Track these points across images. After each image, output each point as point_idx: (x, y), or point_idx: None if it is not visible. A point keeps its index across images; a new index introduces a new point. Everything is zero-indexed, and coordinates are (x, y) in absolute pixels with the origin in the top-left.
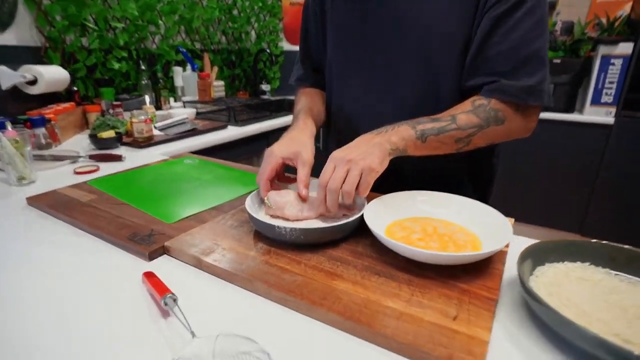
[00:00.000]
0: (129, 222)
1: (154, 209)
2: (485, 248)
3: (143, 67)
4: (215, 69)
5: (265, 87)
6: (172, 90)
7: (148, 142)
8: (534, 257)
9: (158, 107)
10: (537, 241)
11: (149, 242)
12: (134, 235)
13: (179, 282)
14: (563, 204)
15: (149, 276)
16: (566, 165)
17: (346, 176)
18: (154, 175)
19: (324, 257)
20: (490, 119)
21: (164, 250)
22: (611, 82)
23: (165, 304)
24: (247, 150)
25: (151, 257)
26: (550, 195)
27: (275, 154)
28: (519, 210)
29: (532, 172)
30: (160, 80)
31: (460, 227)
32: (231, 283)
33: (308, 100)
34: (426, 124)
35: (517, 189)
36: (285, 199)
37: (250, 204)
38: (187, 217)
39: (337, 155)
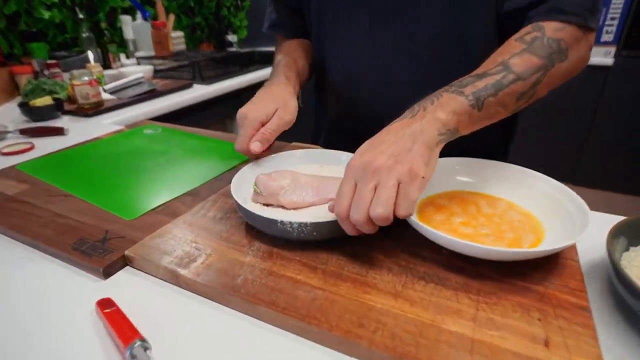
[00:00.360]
0: (74, 222)
1: (108, 201)
2: (550, 230)
3: (81, 16)
4: (172, 17)
5: (231, 37)
6: (123, 45)
7: (97, 108)
8: (626, 238)
9: (107, 66)
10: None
11: (102, 252)
12: (82, 242)
13: (150, 309)
14: (555, 152)
15: (106, 306)
16: (559, 111)
17: (374, 195)
18: (106, 152)
19: (344, 258)
20: (553, 54)
21: (125, 261)
22: (613, 19)
23: (133, 357)
24: (218, 113)
25: (107, 273)
26: (541, 143)
27: (250, 118)
28: (508, 158)
29: (522, 119)
30: (106, 33)
31: (509, 203)
32: (223, 305)
33: (290, 52)
34: (475, 83)
35: None
36: (278, 182)
37: (237, 189)
38: (153, 210)
39: (355, 163)
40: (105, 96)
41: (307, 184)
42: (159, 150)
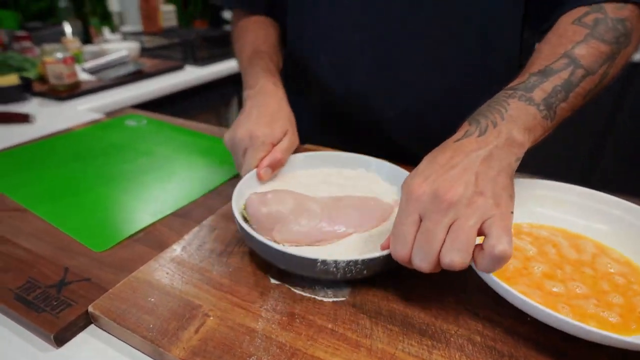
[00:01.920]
0: (24, 252)
1: (74, 221)
2: None
3: None
4: None
5: (227, 14)
6: (106, 18)
7: (72, 91)
8: None
9: (87, 40)
10: None
11: (57, 305)
12: (30, 286)
13: None
14: (568, 152)
15: None
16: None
17: (446, 235)
18: (77, 149)
19: (395, 327)
20: (619, 37)
21: (89, 319)
22: None
23: None
24: (211, 99)
25: (61, 339)
26: (554, 142)
27: (261, 138)
28: None
29: None
30: (87, 3)
31: (596, 244)
32: None
33: (261, 39)
34: (543, 85)
35: None
36: (276, 207)
37: (240, 211)
38: (131, 237)
39: (420, 191)
40: (84, 76)
41: (316, 212)
42: (142, 149)
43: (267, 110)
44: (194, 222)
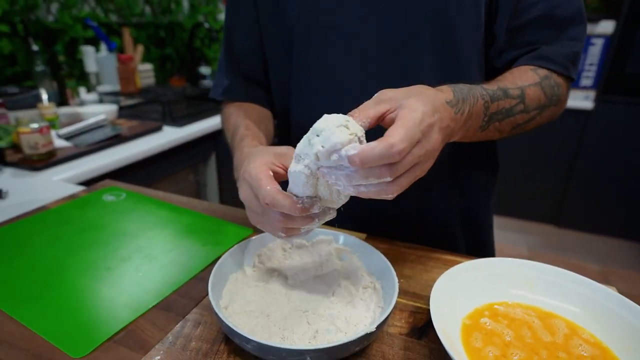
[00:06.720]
0: None
1: (50, 322)
2: None
3: (36, 48)
4: (140, 48)
5: (204, 69)
6: (83, 78)
7: (47, 160)
8: None
9: (63, 102)
10: None
11: None
12: None
13: None
14: (538, 195)
15: None
16: (541, 154)
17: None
18: (52, 232)
19: None
20: (554, 96)
21: None
22: (591, 64)
23: None
24: (190, 157)
25: None
26: (524, 186)
27: (259, 158)
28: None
29: (504, 162)
30: (64, 66)
31: (568, 324)
32: None
33: (246, 117)
34: (499, 102)
35: None
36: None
37: (217, 294)
38: (112, 337)
39: (431, 120)
40: (60, 142)
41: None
42: (121, 229)
43: (246, 153)
44: (178, 315)
